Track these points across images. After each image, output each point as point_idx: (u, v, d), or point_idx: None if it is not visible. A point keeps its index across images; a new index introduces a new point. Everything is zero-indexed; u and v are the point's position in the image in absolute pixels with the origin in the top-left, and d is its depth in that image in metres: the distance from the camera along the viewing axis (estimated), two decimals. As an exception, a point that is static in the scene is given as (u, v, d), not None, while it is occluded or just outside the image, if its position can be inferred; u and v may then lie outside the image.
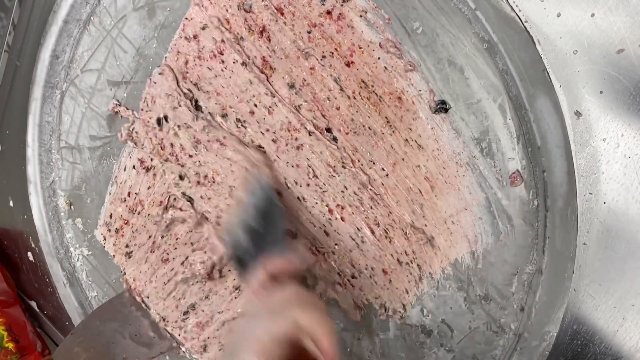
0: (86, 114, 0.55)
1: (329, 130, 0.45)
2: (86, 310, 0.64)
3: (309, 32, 0.43)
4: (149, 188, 0.54)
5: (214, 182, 0.51)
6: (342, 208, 0.47)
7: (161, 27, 0.48)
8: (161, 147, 0.51)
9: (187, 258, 0.55)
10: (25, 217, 0.64)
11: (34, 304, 0.74)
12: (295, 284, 0.38)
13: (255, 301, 0.37)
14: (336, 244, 0.48)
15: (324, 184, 0.47)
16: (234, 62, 0.46)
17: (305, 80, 0.44)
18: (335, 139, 0.45)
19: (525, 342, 0.44)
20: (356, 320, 0.49)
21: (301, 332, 0.33)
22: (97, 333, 0.55)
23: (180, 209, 0.53)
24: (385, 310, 0.49)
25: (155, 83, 0.49)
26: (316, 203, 0.48)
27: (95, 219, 0.59)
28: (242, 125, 0.48)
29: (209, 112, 0.48)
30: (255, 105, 0.46)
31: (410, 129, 0.43)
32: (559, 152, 0.38)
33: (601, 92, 0.35)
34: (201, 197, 0.52)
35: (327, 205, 0.47)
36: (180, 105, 0.49)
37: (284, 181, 0.47)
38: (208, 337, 0.57)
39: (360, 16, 0.41)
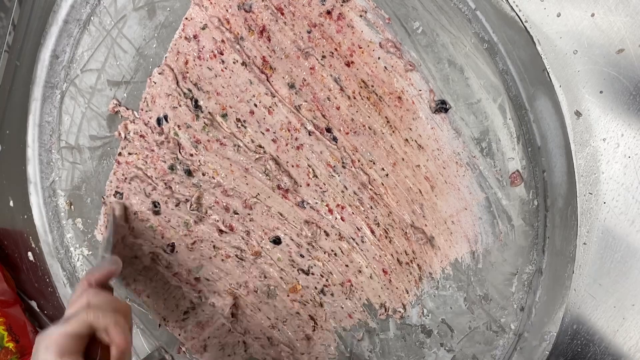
0: (86, 114, 0.55)
1: (329, 130, 0.45)
2: (86, 310, 0.64)
3: (309, 32, 0.43)
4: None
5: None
6: (342, 208, 0.47)
7: (161, 27, 0.48)
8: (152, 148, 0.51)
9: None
10: (26, 217, 0.64)
11: (34, 303, 0.74)
12: (99, 289, 0.44)
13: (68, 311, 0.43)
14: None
15: (324, 184, 0.47)
16: (234, 62, 0.46)
17: (305, 80, 0.44)
18: (335, 139, 0.45)
19: (525, 342, 0.44)
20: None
21: (94, 327, 0.39)
22: None
23: (180, 209, 0.53)
24: (385, 310, 0.49)
25: (155, 83, 0.49)
26: (316, 203, 0.48)
27: (95, 219, 0.59)
28: (242, 125, 0.48)
29: (209, 112, 0.48)
30: (255, 105, 0.46)
31: (410, 129, 0.43)
32: (559, 152, 0.38)
33: (601, 92, 0.35)
34: (201, 197, 0.52)
35: (327, 205, 0.48)
36: (180, 105, 0.49)
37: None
38: (208, 337, 0.57)
39: (360, 16, 0.41)
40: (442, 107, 0.41)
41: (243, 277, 0.53)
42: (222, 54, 0.46)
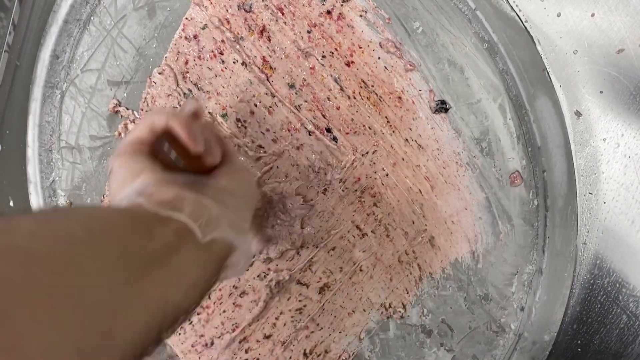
0: (86, 113, 0.55)
1: (329, 130, 0.45)
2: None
3: (309, 32, 0.43)
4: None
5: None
6: (343, 207, 0.47)
7: (161, 27, 0.48)
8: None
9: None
10: (26, 217, 0.64)
11: (34, 303, 0.74)
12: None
13: None
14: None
15: (324, 184, 0.47)
16: (234, 62, 0.46)
17: (305, 80, 0.44)
18: (335, 139, 0.45)
19: (525, 342, 0.44)
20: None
21: (154, 128, 0.33)
22: None
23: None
24: (386, 309, 0.49)
25: (155, 83, 0.49)
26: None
27: (95, 218, 0.59)
28: (242, 125, 0.48)
29: (209, 112, 0.48)
30: (256, 105, 0.46)
31: (411, 129, 0.43)
32: (559, 152, 0.38)
33: (601, 92, 0.35)
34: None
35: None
36: (180, 105, 0.49)
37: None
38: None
39: (360, 16, 0.41)
40: (442, 107, 0.41)
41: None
42: (222, 54, 0.46)
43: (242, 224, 0.33)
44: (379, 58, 0.42)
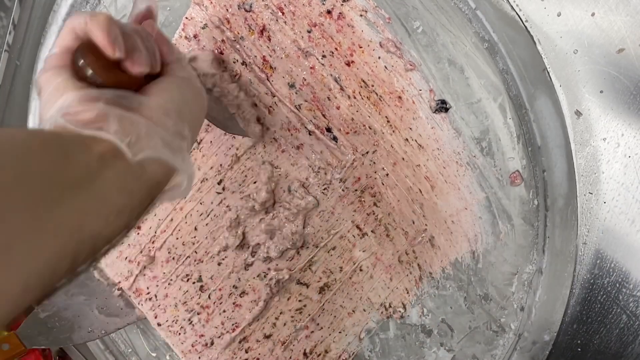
0: (86, 113, 0.55)
1: (329, 129, 0.45)
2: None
3: (309, 32, 0.43)
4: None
5: (214, 181, 0.51)
6: (343, 207, 0.47)
7: (161, 27, 0.48)
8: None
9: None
10: (25, 216, 0.64)
11: (33, 303, 0.74)
12: None
13: None
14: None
15: (324, 183, 0.47)
16: (234, 62, 0.46)
17: (305, 80, 0.44)
18: (335, 139, 0.45)
19: (525, 342, 0.44)
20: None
21: (77, 33, 0.29)
22: (64, 307, 0.56)
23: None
24: (386, 309, 0.49)
25: (155, 82, 0.49)
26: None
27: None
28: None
29: (209, 112, 0.48)
30: (256, 105, 0.46)
31: (411, 129, 0.43)
32: (559, 152, 0.38)
33: (601, 92, 0.35)
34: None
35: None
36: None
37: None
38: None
39: (361, 15, 0.41)
40: (442, 106, 0.41)
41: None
42: (222, 53, 0.46)
43: (179, 142, 0.29)
44: (379, 58, 0.42)
